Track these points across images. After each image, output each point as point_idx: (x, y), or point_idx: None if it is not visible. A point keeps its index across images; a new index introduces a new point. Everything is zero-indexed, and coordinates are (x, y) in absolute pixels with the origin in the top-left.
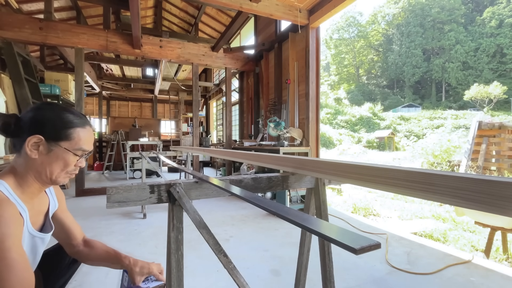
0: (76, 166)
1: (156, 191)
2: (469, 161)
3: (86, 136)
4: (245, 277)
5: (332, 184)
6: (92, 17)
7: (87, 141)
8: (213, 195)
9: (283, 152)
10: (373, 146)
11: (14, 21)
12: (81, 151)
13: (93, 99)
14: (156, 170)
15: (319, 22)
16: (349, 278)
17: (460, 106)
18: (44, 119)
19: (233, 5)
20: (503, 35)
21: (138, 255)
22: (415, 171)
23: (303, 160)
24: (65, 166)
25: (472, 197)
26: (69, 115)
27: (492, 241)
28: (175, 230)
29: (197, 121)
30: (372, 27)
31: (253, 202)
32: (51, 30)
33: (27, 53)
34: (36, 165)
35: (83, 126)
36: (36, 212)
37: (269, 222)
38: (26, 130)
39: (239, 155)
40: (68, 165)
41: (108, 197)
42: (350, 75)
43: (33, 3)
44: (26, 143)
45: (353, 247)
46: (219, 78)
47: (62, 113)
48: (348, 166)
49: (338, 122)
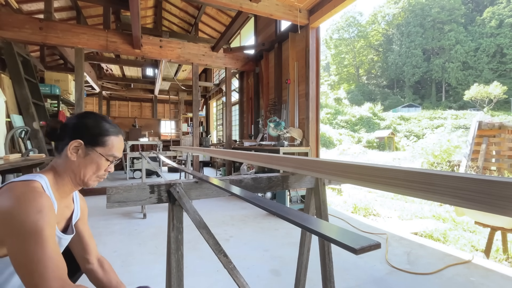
0: (105, 171)
1: (156, 191)
2: (469, 161)
3: (119, 144)
4: (245, 277)
5: (332, 184)
6: (92, 17)
7: (119, 148)
8: (213, 195)
9: (283, 152)
10: (373, 146)
11: (14, 21)
12: (112, 157)
13: (93, 99)
14: (156, 170)
15: (319, 22)
16: (349, 278)
17: (460, 106)
18: (85, 126)
19: (233, 5)
20: (503, 35)
21: (138, 255)
22: (415, 171)
23: (303, 160)
24: (97, 170)
25: (472, 197)
26: (106, 124)
27: (492, 241)
28: (175, 230)
29: (197, 121)
30: (372, 27)
31: (253, 202)
32: (51, 30)
33: (27, 53)
34: (73, 166)
35: (116, 135)
36: (61, 213)
37: (269, 222)
38: (68, 134)
39: (239, 155)
40: (100, 169)
41: (108, 197)
42: (350, 75)
43: (33, 3)
44: (68, 146)
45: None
46: (219, 78)
47: (100, 122)
48: (348, 166)
49: (338, 122)
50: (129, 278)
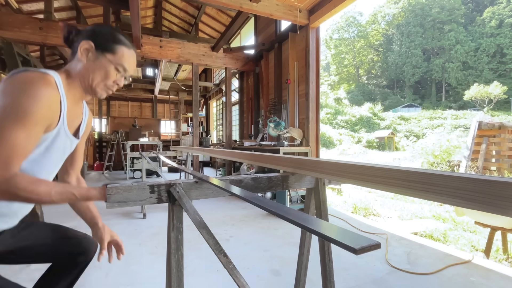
0: (114, 83)
1: (156, 191)
2: (469, 161)
3: (130, 57)
4: (245, 277)
5: (332, 184)
6: (92, 17)
7: (130, 62)
8: (213, 195)
9: (283, 152)
10: (373, 146)
11: (14, 21)
12: (122, 68)
13: (93, 99)
14: (156, 170)
15: (319, 22)
16: (349, 278)
17: (460, 106)
18: (99, 31)
19: (233, 5)
20: (503, 35)
21: (138, 255)
22: (415, 171)
23: (303, 160)
24: (105, 78)
25: (472, 197)
26: (120, 35)
27: (492, 241)
28: (175, 230)
29: (197, 121)
30: (372, 27)
31: (253, 202)
32: (51, 30)
33: (27, 53)
34: (83, 69)
35: (129, 48)
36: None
37: (269, 222)
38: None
39: (239, 155)
40: (108, 78)
41: (108, 197)
42: (350, 75)
43: (33, 3)
44: (80, 47)
45: (353, 247)
46: (219, 78)
47: (116, 32)
48: (348, 166)
49: (338, 122)
50: (129, 278)
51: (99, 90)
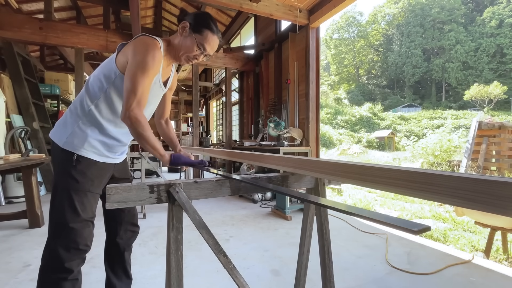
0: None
1: (156, 191)
2: (469, 161)
3: (212, 41)
4: (245, 277)
5: (332, 184)
6: (92, 17)
7: (211, 44)
8: (213, 195)
9: (283, 152)
10: (373, 146)
11: (14, 21)
12: (203, 47)
13: None
14: (155, 170)
15: (319, 22)
16: (349, 278)
17: (460, 106)
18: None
19: (233, 5)
20: (503, 35)
21: (138, 255)
22: (415, 171)
23: (303, 160)
24: (188, 51)
25: (472, 197)
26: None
27: (492, 241)
28: (175, 230)
29: (197, 121)
30: (372, 27)
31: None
32: (51, 30)
33: (27, 53)
34: (177, 41)
35: (213, 33)
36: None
37: (269, 222)
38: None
39: (239, 155)
40: (190, 52)
41: (107, 197)
42: (350, 75)
43: (33, 3)
44: (180, 24)
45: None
46: (219, 78)
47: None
48: (348, 166)
49: (338, 122)
50: None
51: (182, 59)
